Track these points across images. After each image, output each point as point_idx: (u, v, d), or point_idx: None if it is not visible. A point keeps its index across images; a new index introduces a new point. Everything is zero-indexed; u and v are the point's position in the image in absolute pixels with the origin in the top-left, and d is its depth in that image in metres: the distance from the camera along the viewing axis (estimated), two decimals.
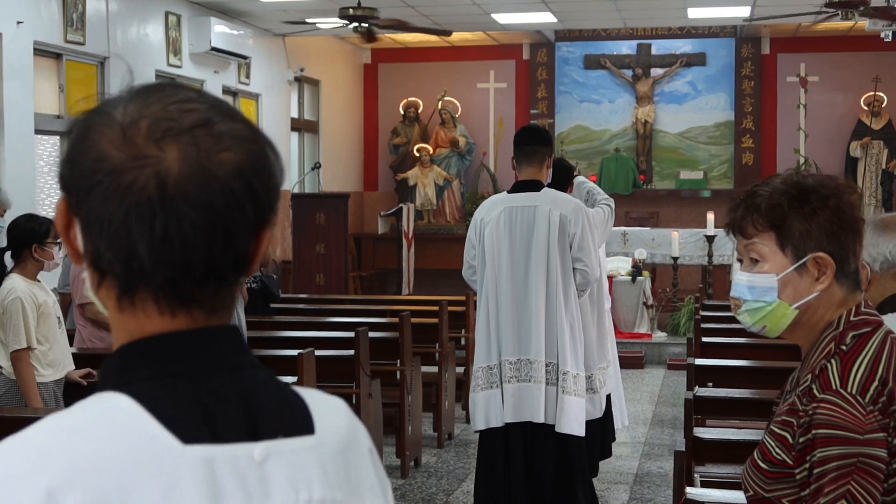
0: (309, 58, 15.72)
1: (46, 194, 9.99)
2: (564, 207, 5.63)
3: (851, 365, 1.97)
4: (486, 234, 5.68)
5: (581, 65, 17.51)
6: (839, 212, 2.05)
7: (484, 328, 5.69)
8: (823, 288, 2.06)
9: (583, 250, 5.59)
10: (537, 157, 5.71)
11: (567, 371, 5.56)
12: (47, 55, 9.99)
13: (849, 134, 16.54)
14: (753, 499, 2.06)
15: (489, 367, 5.63)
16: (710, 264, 13.52)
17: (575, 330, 5.64)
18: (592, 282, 5.70)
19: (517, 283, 5.62)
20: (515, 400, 5.57)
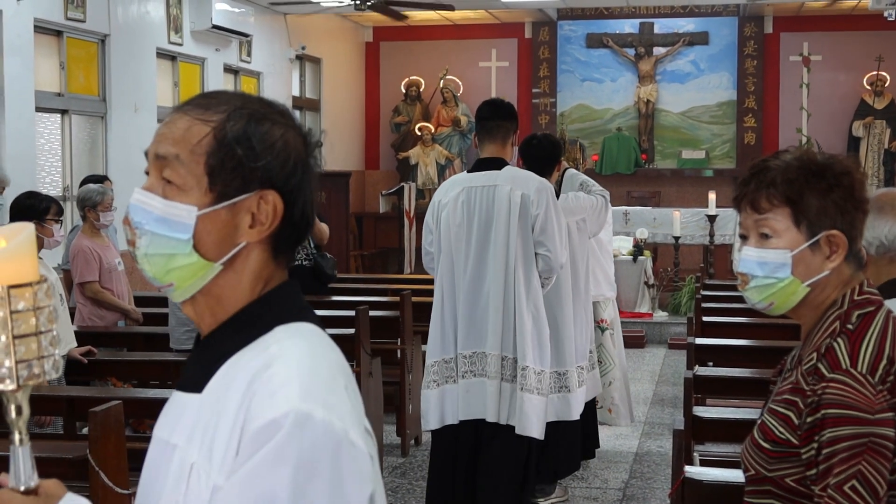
0: (310, 36, 15.67)
1: (47, 172, 9.98)
2: (527, 186, 5.15)
3: (860, 344, 1.96)
4: (442, 218, 5.26)
5: (583, 43, 17.46)
6: (852, 189, 2.04)
7: (438, 319, 5.27)
8: (834, 266, 2.04)
9: (546, 233, 5.12)
10: (500, 133, 5.29)
11: (527, 366, 5.11)
12: (48, 32, 9.96)
13: (851, 113, 16.50)
14: (754, 478, 2.05)
15: (445, 360, 5.22)
16: (711, 244, 13.51)
17: (539, 322, 5.18)
18: (556, 269, 5.22)
19: (474, 270, 5.16)
20: (468, 396, 5.16)
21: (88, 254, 6.99)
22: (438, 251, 5.27)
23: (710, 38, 17.10)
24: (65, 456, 3.89)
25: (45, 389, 5.36)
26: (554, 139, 6.18)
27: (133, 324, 7.12)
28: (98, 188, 7.25)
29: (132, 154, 11.05)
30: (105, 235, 7.28)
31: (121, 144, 10.90)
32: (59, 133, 10.23)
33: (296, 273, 8.34)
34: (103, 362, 6.03)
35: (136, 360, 6.27)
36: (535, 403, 5.11)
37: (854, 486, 1.87)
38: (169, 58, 12.13)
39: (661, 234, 13.90)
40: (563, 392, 5.74)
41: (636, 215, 14.20)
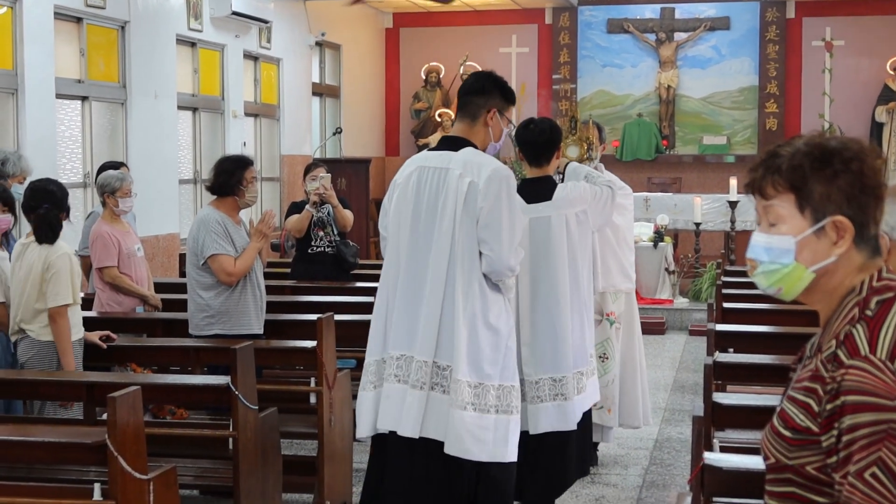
0: (330, 22, 15.66)
1: (67, 159, 10.01)
2: (476, 173, 4.44)
3: (879, 330, 1.94)
4: (394, 199, 4.63)
5: (604, 29, 17.39)
6: (861, 175, 2.01)
7: (381, 314, 4.57)
8: (841, 252, 2.02)
9: (489, 229, 4.39)
10: (469, 110, 4.62)
11: (460, 379, 4.34)
12: (68, 19, 9.98)
13: (874, 99, 16.39)
14: (774, 466, 2.04)
15: (382, 360, 4.52)
16: (732, 230, 13.46)
17: (480, 329, 4.40)
18: (503, 272, 4.45)
19: (414, 262, 4.50)
20: (386, 403, 4.45)
21: (107, 239, 7.00)
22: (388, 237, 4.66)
23: (732, 23, 17.00)
24: (84, 441, 3.90)
25: (65, 375, 5.40)
26: (553, 123, 5.64)
27: (152, 309, 7.14)
28: (118, 174, 7.26)
29: (152, 141, 11.08)
30: (125, 221, 7.29)
31: (141, 131, 10.92)
32: (80, 120, 10.25)
33: (318, 259, 8.36)
34: (123, 348, 6.04)
35: (155, 346, 6.28)
36: (468, 421, 4.32)
37: (874, 473, 1.86)
38: (189, 44, 12.14)
39: (681, 220, 13.85)
40: (560, 400, 5.23)
41: (657, 201, 14.16)
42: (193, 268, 6.22)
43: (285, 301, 7.58)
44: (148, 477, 3.89)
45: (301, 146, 14.93)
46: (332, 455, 5.72)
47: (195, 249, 6.19)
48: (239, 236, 6.24)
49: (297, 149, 14.80)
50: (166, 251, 11.26)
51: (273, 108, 14.35)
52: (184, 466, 5.13)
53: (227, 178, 6.25)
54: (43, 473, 4.90)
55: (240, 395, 4.82)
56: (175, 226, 11.55)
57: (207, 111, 12.62)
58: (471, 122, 4.61)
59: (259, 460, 5.05)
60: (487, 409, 4.38)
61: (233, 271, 6.13)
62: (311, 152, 15.05)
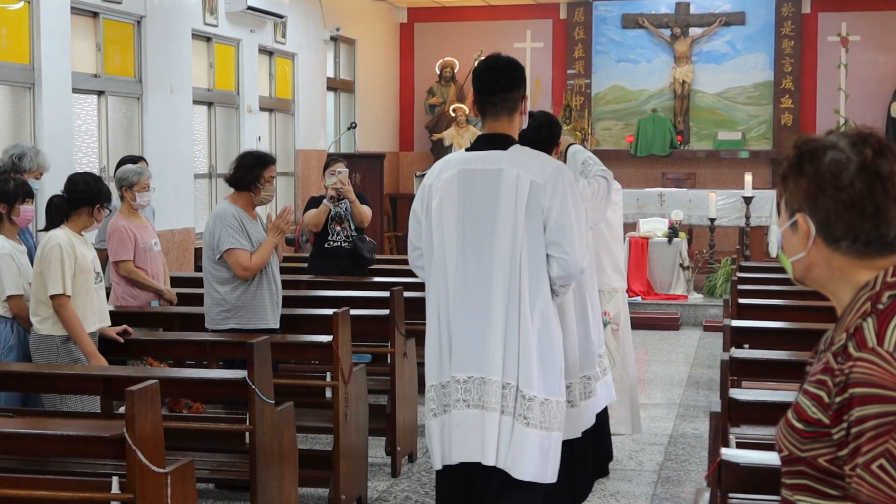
0: (345, 17, 15.67)
1: (83, 153, 10.04)
2: (538, 171, 4.18)
3: (888, 323, 1.95)
4: (433, 207, 4.30)
5: (619, 24, 17.37)
6: (815, 176, 2.05)
7: (435, 335, 4.29)
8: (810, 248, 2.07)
9: (561, 231, 4.13)
10: (505, 107, 4.31)
11: (534, 396, 4.13)
12: (84, 14, 10.01)
13: (890, 94, 16.33)
14: (788, 458, 2.05)
15: (442, 384, 4.25)
16: (747, 226, 13.44)
17: (547, 340, 4.20)
18: (575, 274, 4.21)
19: (470, 274, 4.20)
20: (461, 433, 4.17)
21: (124, 233, 7.03)
22: (430, 248, 4.33)
23: (747, 19, 16.97)
24: (102, 435, 3.92)
25: (82, 368, 5.42)
26: (552, 118, 5.33)
27: (167, 304, 7.16)
28: (135, 168, 7.29)
29: (168, 135, 11.10)
30: (143, 216, 7.32)
31: (157, 126, 10.94)
32: (96, 114, 10.28)
33: (334, 254, 8.37)
34: (139, 342, 6.06)
35: (172, 340, 6.30)
36: (540, 442, 4.14)
37: (882, 464, 1.86)
38: (204, 39, 12.17)
39: (696, 215, 13.84)
40: (568, 407, 4.82)
41: (671, 197, 14.15)
42: (209, 262, 6.24)
43: (301, 295, 7.60)
44: (166, 471, 3.91)
45: (316, 141, 14.94)
46: (348, 450, 5.73)
47: (211, 244, 6.21)
48: (255, 231, 6.25)
49: (312, 144, 14.82)
50: (181, 245, 11.29)
51: (288, 103, 14.36)
52: (200, 460, 5.15)
53: (246, 173, 6.26)
54: (58, 466, 4.92)
55: (256, 389, 4.84)
56: (190, 220, 11.58)
57: (223, 106, 12.65)
58: (509, 117, 4.32)
59: (275, 454, 5.06)
60: (551, 427, 4.19)
61: (249, 265, 6.15)
62: (325, 147, 15.07)
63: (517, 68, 4.36)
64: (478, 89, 4.36)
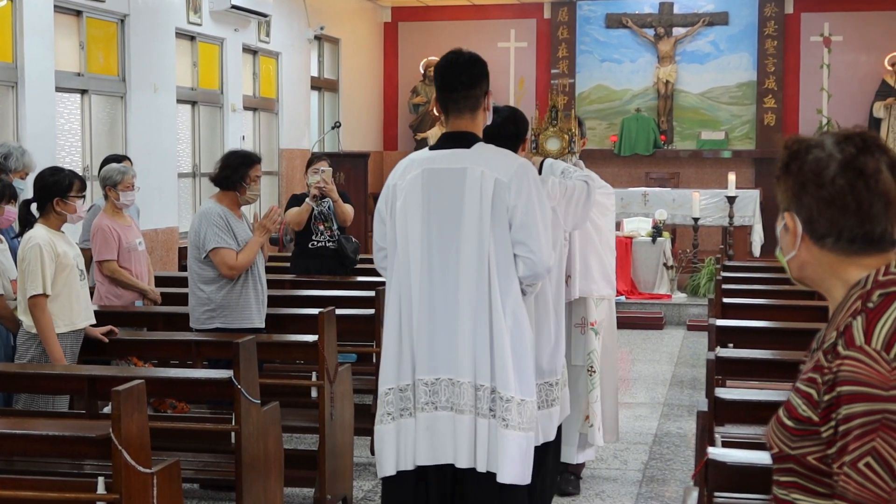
0: (329, 16, 15.66)
1: (67, 152, 10.00)
2: (502, 169, 4.09)
3: (877, 322, 1.96)
4: (398, 207, 4.20)
5: (602, 24, 17.40)
6: (799, 174, 2.07)
7: (395, 336, 4.16)
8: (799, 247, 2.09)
9: (527, 230, 4.05)
10: (468, 104, 4.25)
11: (511, 397, 4.03)
12: (67, 12, 9.97)
13: (872, 94, 16.41)
14: (778, 456, 2.06)
15: (400, 388, 4.13)
16: (730, 225, 13.48)
17: (520, 340, 4.10)
18: (542, 273, 4.12)
19: (436, 274, 4.11)
20: (430, 435, 4.08)
21: (108, 233, 7.01)
22: (393, 248, 4.22)
23: (730, 19, 17.02)
24: (87, 435, 3.91)
25: (66, 368, 5.40)
26: (517, 113, 5.01)
27: (151, 304, 7.14)
28: (119, 167, 7.26)
29: (152, 134, 11.07)
30: (127, 215, 7.29)
31: (140, 125, 10.91)
32: (79, 113, 10.24)
33: (319, 254, 8.34)
34: (124, 342, 6.04)
35: (157, 340, 6.28)
36: (519, 443, 4.04)
37: (869, 462, 1.87)
38: (188, 38, 12.14)
39: (680, 215, 13.87)
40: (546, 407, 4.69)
41: (655, 196, 14.18)
42: (195, 261, 6.22)
43: (286, 295, 7.58)
44: (152, 471, 3.90)
45: (300, 140, 14.92)
46: (333, 449, 5.73)
47: (196, 243, 6.19)
48: (241, 230, 6.23)
49: (296, 143, 14.79)
50: (165, 245, 11.26)
51: (272, 102, 14.34)
52: (185, 460, 5.14)
53: (231, 172, 6.24)
54: (42, 467, 4.90)
55: (242, 389, 4.83)
56: (174, 219, 11.54)
57: (206, 105, 12.62)
58: (472, 114, 4.26)
59: (261, 454, 5.05)
60: (528, 427, 4.10)
61: (234, 265, 6.13)
62: (309, 146, 15.05)
63: (479, 64, 4.30)
64: (439, 86, 4.29)
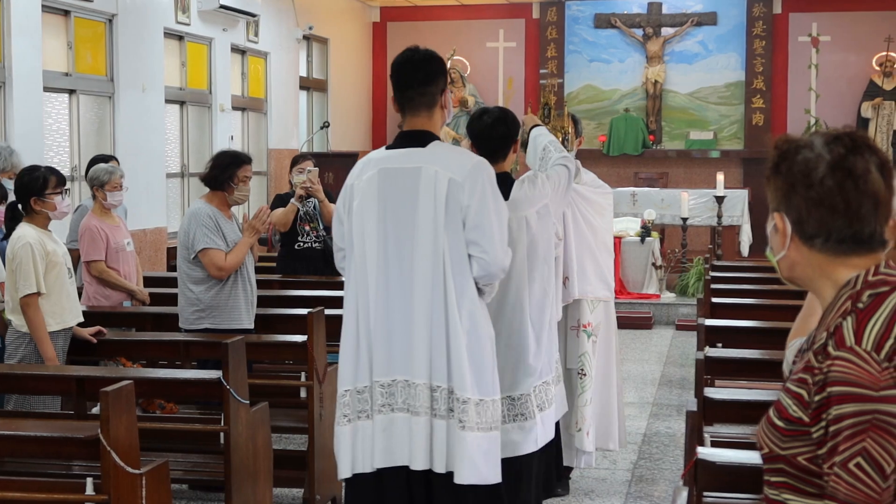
0: (318, 16, 15.64)
1: (55, 152, 9.97)
2: (456, 169, 4.02)
3: (867, 322, 1.97)
4: (354, 207, 4.13)
5: (591, 24, 17.41)
6: (789, 174, 2.07)
7: (352, 337, 4.12)
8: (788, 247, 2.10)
9: (480, 230, 3.98)
10: (423, 101, 4.17)
11: (468, 399, 3.97)
12: (55, 12, 9.94)
13: (860, 94, 16.45)
14: (768, 456, 2.06)
15: (357, 390, 4.07)
16: (719, 225, 13.50)
17: (477, 340, 4.03)
18: (496, 274, 4.05)
19: (391, 275, 4.04)
20: (387, 437, 4.01)
21: (95, 233, 6.99)
22: (350, 248, 4.15)
23: (719, 19, 17.05)
24: (76, 436, 3.90)
25: (54, 369, 5.38)
26: (508, 114, 4.93)
27: (139, 304, 7.13)
28: (107, 167, 7.24)
29: (140, 134, 11.05)
30: (115, 215, 7.28)
31: (128, 124, 10.89)
32: (67, 113, 10.22)
33: (305, 256, 8.32)
34: (112, 342, 6.03)
35: (146, 340, 6.27)
36: (478, 444, 3.98)
37: (859, 463, 1.88)
38: (176, 38, 12.11)
39: (668, 215, 13.89)
40: (520, 420, 4.65)
41: (644, 196, 14.19)
42: (184, 261, 6.21)
43: (275, 295, 7.57)
44: (141, 472, 3.89)
45: (288, 140, 14.91)
46: (322, 449, 5.72)
47: (186, 243, 6.18)
48: (230, 230, 6.22)
49: (285, 143, 14.78)
50: (154, 245, 11.24)
51: (260, 102, 14.32)
52: (174, 461, 5.13)
53: (220, 172, 6.24)
54: (30, 468, 4.89)
55: (231, 389, 4.82)
56: (162, 219, 11.52)
57: (195, 105, 12.59)
58: (429, 112, 4.17)
59: (250, 455, 5.05)
60: (489, 427, 4.03)
61: (223, 266, 6.12)
62: (298, 146, 15.03)
63: (435, 61, 4.23)
64: (395, 84, 4.23)
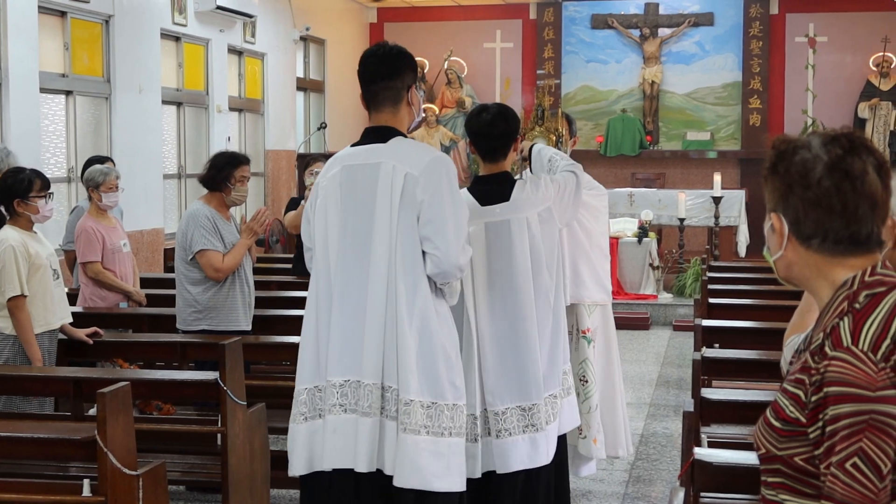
0: (315, 17, 15.64)
1: (51, 153, 9.97)
2: (414, 163, 3.92)
3: (863, 323, 1.97)
4: (318, 206, 4.07)
5: (588, 24, 17.42)
6: (786, 175, 2.08)
7: (311, 336, 3.99)
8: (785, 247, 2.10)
9: (433, 225, 3.87)
10: (389, 96, 4.06)
11: (412, 400, 3.82)
12: (52, 13, 9.94)
13: (857, 95, 16.46)
14: (765, 457, 2.06)
15: (317, 388, 3.96)
16: (716, 226, 13.51)
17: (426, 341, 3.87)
18: (452, 272, 3.91)
19: (349, 273, 3.94)
20: (336, 438, 3.88)
21: (91, 234, 6.99)
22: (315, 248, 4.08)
23: (716, 19, 17.06)
24: (73, 437, 3.90)
25: (51, 370, 5.38)
26: (507, 110, 4.79)
27: (135, 305, 7.12)
28: (102, 168, 7.24)
29: (136, 135, 11.04)
30: (112, 216, 7.28)
31: (125, 125, 10.88)
32: (64, 114, 10.21)
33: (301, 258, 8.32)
34: (109, 343, 6.02)
35: (143, 342, 6.27)
36: (423, 447, 3.82)
37: (856, 463, 1.88)
38: (173, 38, 12.11)
39: (665, 215, 13.89)
40: (531, 432, 4.52)
41: (641, 197, 14.19)
42: (182, 262, 6.20)
43: (271, 296, 7.57)
44: (138, 473, 3.89)
45: (285, 141, 14.90)
46: None
47: (184, 244, 6.17)
48: (228, 232, 6.22)
49: (282, 144, 14.77)
50: (150, 246, 11.23)
51: (257, 103, 14.32)
52: (171, 462, 5.13)
53: (217, 172, 6.23)
54: (27, 469, 4.88)
55: (228, 390, 4.82)
56: (159, 220, 11.52)
57: (192, 106, 12.59)
58: (393, 108, 4.06)
59: (247, 456, 5.04)
60: (442, 431, 3.86)
61: (221, 267, 6.12)
62: (295, 147, 15.04)
63: (402, 56, 4.10)
64: (361, 79, 4.11)
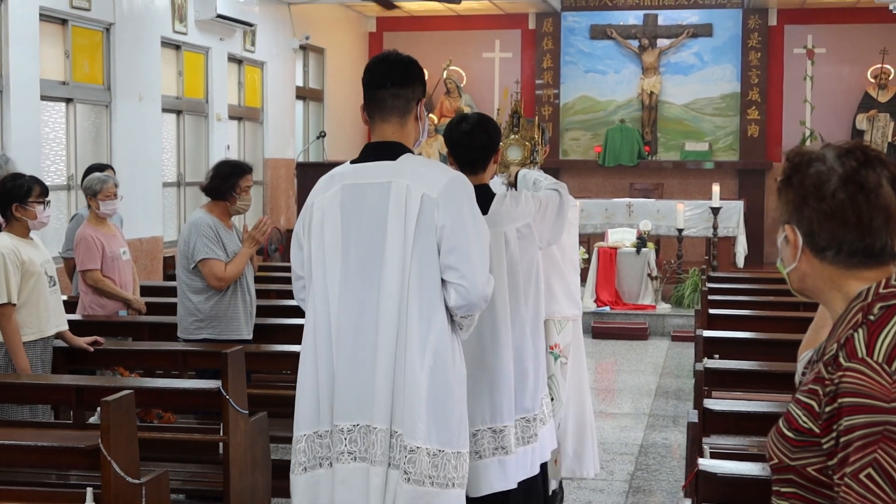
0: (314, 26, 15.66)
1: (52, 161, 9.97)
2: (431, 183, 3.51)
3: (878, 334, 1.97)
4: (313, 228, 3.62)
5: (587, 35, 17.45)
6: (800, 187, 2.09)
7: (311, 376, 3.58)
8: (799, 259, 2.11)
9: (458, 253, 3.47)
10: (397, 106, 3.66)
11: (418, 447, 3.44)
12: (53, 21, 9.95)
13: (855, 106, 16.50)
14: (777, 466, 2.06)
15: (316, 434, 3.57)
16: (714, 236, 13.52)
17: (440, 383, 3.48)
18: (478, 303, 3.52)
19: (356, 306, 3.52)
20: (345, 489, 3.49)
21: (91, 242, 6.99)
22: (310, 276, 3.63)
23: (714, 30, 17.09)
24: (76, 445, 3.89)
25: (52, 378, 5.37)
26: (488, 120, 4.47)
27: (135, 313, 7.12)
28: (101, 176, 7.24)
29: (136, 143, 11.05)
30: (112, 224, 7.28)
31: (125, 134, 10.89)
32: (64, 122, 10.22)
33: None
34: (110, 351, 6.02)
35: (145, 350, 6.26)
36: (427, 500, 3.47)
37: (870, 474, 1.88)
38: (173, 47, 12.12)
39: (664, 226, 13.90)
40: (500, 454, 4.24)
41: (639, 207, 14.21)
42: (184, 271, 6.20)
43: (273, 305, 7.57)
44: (141, 482, 3.89)
45: (285, 150, 14.91)
46: None
47: (186, 253, 6.17)
48: (230, 241, 6.22)
49: (281, 152, 14.78)
50: (150, 254, 11.23)
51: (257, 112, 14.33)
52: (173, 471, 5.12)
53: (221, 182, 6.23)
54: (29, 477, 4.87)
55: (231, 399, 4.82)
56: (159, 229, 11.52)
57: (191, 114, 12.60)
58: (401, 121, 3.66)
59: (249, 465, 5.04)
60: (447, 483, 3.50)
61: (223, 276, 6.12)
62: (294, 156, 15.04)
63: (415, 66, 3.74)
64: (366, 84, 3.72)
